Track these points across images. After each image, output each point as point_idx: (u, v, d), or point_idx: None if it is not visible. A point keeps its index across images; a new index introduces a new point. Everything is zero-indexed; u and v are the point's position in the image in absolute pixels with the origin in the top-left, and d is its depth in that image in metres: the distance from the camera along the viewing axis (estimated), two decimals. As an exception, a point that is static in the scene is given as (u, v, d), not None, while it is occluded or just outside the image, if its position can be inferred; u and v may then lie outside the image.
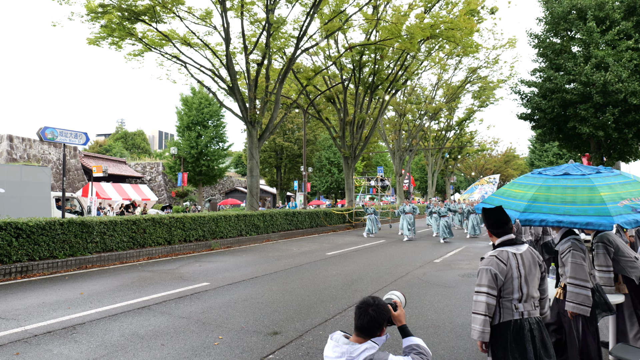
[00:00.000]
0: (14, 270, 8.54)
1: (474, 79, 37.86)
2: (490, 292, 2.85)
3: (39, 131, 9.91)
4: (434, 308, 6.38)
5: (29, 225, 9.02)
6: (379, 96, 27.28)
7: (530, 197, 3.96)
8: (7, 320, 5.57)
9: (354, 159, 26.33)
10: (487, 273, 2.88)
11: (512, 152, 66.04)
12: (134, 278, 8.58)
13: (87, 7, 16.12)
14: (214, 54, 19.00)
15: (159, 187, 41.85)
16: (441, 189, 68.48)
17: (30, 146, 30.94)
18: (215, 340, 4.90)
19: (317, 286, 7.92)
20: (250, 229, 16.00)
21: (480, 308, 2.85)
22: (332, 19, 19.36)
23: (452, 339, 5.02)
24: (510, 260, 2.88)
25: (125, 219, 11.34)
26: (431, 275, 9.22)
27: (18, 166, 14.30)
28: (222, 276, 8.84)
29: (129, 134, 77.57)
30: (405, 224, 17.46)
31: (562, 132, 17.57)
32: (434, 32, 20.59)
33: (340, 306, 6.45)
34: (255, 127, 18.59)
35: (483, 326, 2.83)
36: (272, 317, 5.87)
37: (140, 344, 4.76)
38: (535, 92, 17.39)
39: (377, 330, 2.25)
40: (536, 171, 4.40)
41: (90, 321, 5.57)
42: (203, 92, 36.86)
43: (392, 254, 12.91)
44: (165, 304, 6.51)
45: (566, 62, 15.60)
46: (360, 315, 2.24)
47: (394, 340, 4.65)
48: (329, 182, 46.84)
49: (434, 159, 48.67)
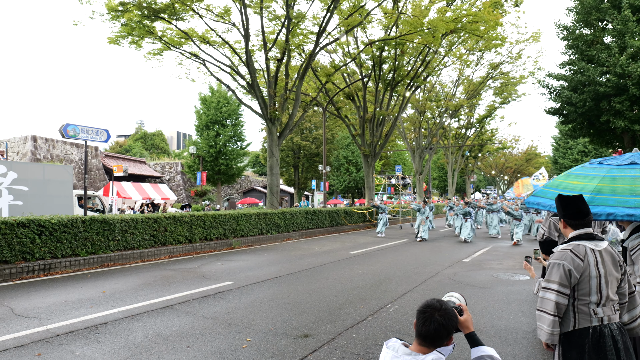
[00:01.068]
0: (37, 267, 8.46)
1: (495, 74, 36.96)
2: (561, 290, 2.47)
3: (61, 128, 9.85)
4: (472, 310, 5.99)
5: (52, 222, 8.94)
6: (399, 93, 26.78)
7: (592, 188, 3.55)
8: (29, 319, 5.41)
9: (374, 157, 25.89)
10: (558, 268, 2.50)
11: (534, 150, 64.42)
12: (155, 276, 8.40)
13: (108, 6, 16.15)
14: (233, 52, 18.86)
15: (177, 187, 42.13)
16: (460, 188, 67.31)
17: (54, 146, 31.45)
18: (243, 342, 4.63)
19: (344, 286, 7.60)
20: (271, 227, 15.78)
21: (549, 307, 2.48)
22: (352, 14, 19.00)
23: (498, 343, 4.64)
24: (588, 257, 2.49)
25: (147, 216, 11.21)
26: (463, 275, 8.79)
27: (41, 165, 14.38)
28: (245, 275, 8.60)
29: (148, 134, 78.59)
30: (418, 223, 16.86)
31: (593, 126, 16.85)
32: (456, 26, 20.05)
33: (371, 307, 6.11)
34: (275, 124, 18.37)
35: (552, 327, 2.47)
36: (300, 318, 5.57)
37: (165, 345, 4.52)
38: (565, 86, 16.71)
39: (445, 339, 1.91)
40: (595, 161, 3.98)
41: (113, 321, 5.37)
42: (221, 91, 36.92)
43: (418, 253, 12.49)
44: (188, 303, 6.29)
45: (599, 53, 14.89)
46: (425, 321, 1.90)
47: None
48: (347, 181, 46.43)
49: (454, 157, 47.77)
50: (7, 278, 7.98)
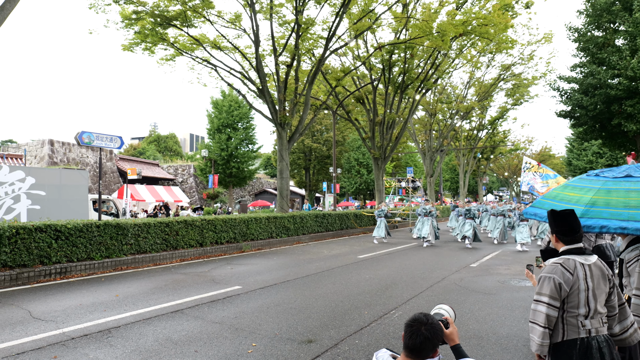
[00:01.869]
0: (54, 271, 8.76)
1: (507, 76, 36.65)
2: (551, 303, 2.57)
3: (76, 136, 10.17)
4: (475, 317, 6.06)
5: (67, 227, 9.24)
6: (409, 96, 26.77)
7: (587, 200, 3.63)
8: (46, 322, 5.65)
9: (384, 160, 25.93)
10: (549, 282, 2.60)
11: (548, 152, 63.53)
12: (167, 280, 8.63)
13: (122, 15, 16.54)
14: (244, 57, 19.12)
15: (190, 189, 42.66)
16: (473, 190, 66.77)
17: (70, 150, 32.16)
18: (249, 347, 4.79)
19: (351, 291, 7.72)
20: (281, 231, 15.96)
21: (540, 319, 2.59)
22: (361, 18, 19.11)
23: (498, 351, 4.72)
24: (577, 270, 2.59)
25: (159, 221, 11.48)
26: (469, 280, 8.84)
27: (58, 170, 14.78)
28: (254, 279, 8.77)
29: (162, 137, 79.58)
30: (430, 228, 15.91)
31: (605, 129, 16.67)
32: (466, 29, 20.01)
33: (375, 313, 6.22)
34: (285, 128, 18.57)
35: (542, 339, 2.57)
36: (306, 323, 5.71)
37: (174, 349, 4.70)
38: (576, 89, 16.57)
39: (431, 351, 2.04)
40: (592, 173, 4.05)
41: (125, 324, 5.58)
42: (233, 95, 37.30)
43: (426, 257, 12.54)
44: (198, 307, 6.48)
45: (610, 55, 14.76)
46: (412, 334, 2.03)
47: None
48: (358, 183, 46.47)
49: (466, 159, 47.45)
50: (26, 281, 8.28)
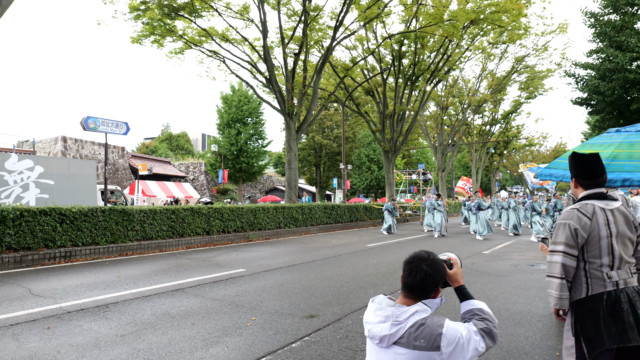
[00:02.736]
0: (58, 255, 8.70)
1: (520, 68, 35.94)
2: (567, 251, 2.30)
3: (82, 120, 10.12)
4: (486, 295, 5.79)
5: (72, 211, 9.18)
6: (420, 87, 26.39)
7: (608, 155, 3.35)
8: (44, 298, 5.54)
9: (395, 153, 25.60)
10: (564, 228, 2.33)
11: (563, 148, 62.26)
12: (171, 264, 8.50)
13: (130, 5, 16.54)
14: (252, 48, 18.99)
15: (201, 186, 42.80)
16: (486, 187, 65.81)
17: (82, 147, 32.47)
18: (248, 321, 4.60)
19: (357, 273, 7.49)
20: (289, 221, 15.78)
21: (556, 270, 2.32)
22: (370, 7, 18.83)
23: (510, 326, 4.45)
24: (596, 215, 2.30)
25: (165, 208, 11.39)
26: (480, 264, 8.54)
27: (66, 159, 14.83)
28: (259, 263, 8.60)
29: (174, 136, 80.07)
30: (440, 219, 15.64)
31: (623, 116, 16.12)
32: (478, 17, 19.58)
33: (382, 292, 5.97)
34: (293, 119, 18.39)
35: (560, 291, 2.30)
36: (309, 301, 5.50)
37: (171, 322, 4.53)
38: (593, 74, 16.06)
39: (432, 290, 1.81)
40: (612, 130, 3.77)
41: (124, 301, 5.44)
42: (242, 90, 37.30)
43: (437, 245, 12.24)
44: (199, 287, 6.31)
45: (629, 38, 14.24)
46: (411, 271, 1.79)
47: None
48: (369, 180, 46.12)
49: (478, 154, 46.69)
50: (30, 264, 8.23)
